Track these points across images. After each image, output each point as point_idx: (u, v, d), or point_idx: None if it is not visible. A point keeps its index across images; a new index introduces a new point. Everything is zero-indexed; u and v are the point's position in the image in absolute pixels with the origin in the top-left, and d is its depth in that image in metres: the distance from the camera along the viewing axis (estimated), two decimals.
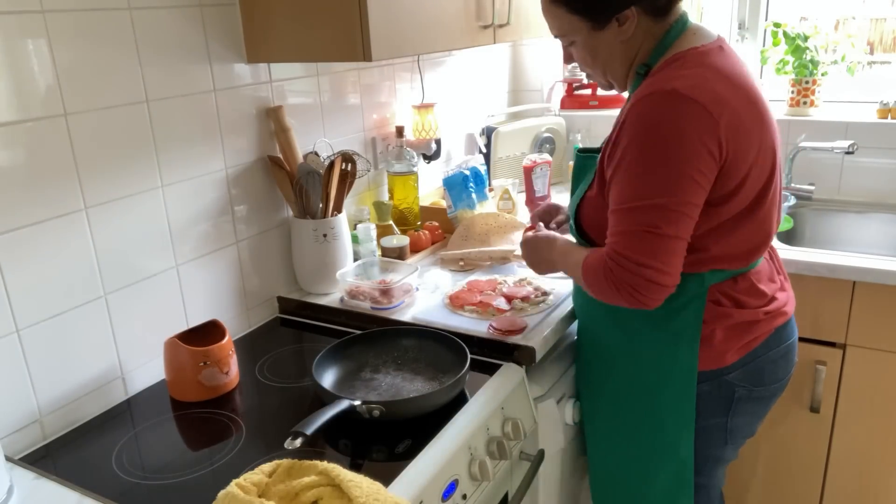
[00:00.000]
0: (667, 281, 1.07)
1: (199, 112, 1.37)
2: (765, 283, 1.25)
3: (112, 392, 1.27)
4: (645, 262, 1.06)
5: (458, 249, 1.77)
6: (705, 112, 1.04)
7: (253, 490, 0.90)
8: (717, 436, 1.30)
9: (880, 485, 1.81)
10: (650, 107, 1.07)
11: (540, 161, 2.11)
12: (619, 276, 1.07)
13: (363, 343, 1.33)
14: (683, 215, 1.06)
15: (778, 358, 1.27)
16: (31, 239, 1.11)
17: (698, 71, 1.08)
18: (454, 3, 1.50)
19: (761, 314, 1.22)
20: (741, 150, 1.08)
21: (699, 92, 1.04)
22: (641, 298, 1.08)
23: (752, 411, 1.30)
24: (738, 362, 1.23)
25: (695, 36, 1.15)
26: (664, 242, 1.06)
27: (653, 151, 1.06)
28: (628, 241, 1.07)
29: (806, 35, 2.15)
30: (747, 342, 1.22)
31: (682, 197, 1.05)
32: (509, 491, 1.28)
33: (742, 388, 1.25)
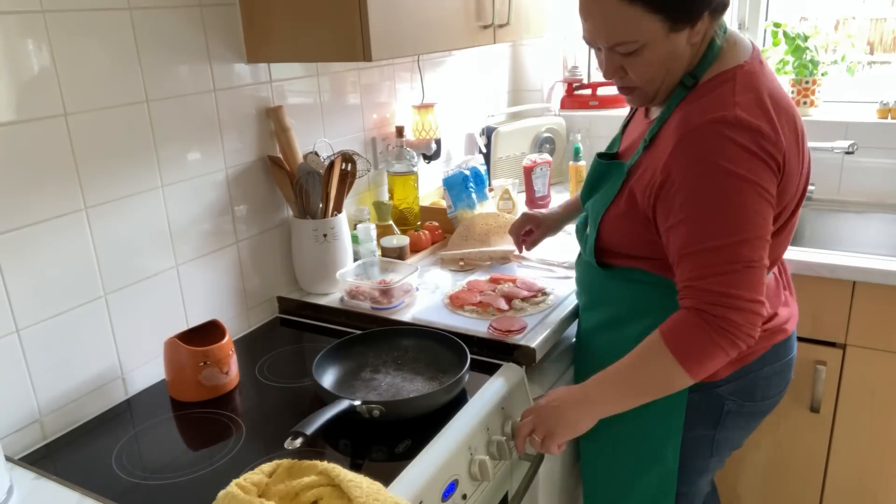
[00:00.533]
0: (765, 312, 1.03)
1: (200, 112, 1.37)
2: (768, 298, 1.18)
3: (112, 392, 1.27)
4: (756, 299, 1.01)
5: (458, 249, 1.77)
6: (768, 140, 1.01)
7: (253, 490, 0.90)
8: (703, 447, 1.28)
9: (880, 485, 1.81)
10: (714, 136, 1.01)
11: (540, 161, 2.11)
12: (728, 317, 1.00)
13: (363, 343, 1.33)
14: (767, 242, 1.03)
15: (772, 375, 1.24)
16: (31, 239, 1.11)
17: (753, 97, 1.04)
18: (454, 3, 1.50)
19: (759, 331, 1.17)
20: (790, 176, 1.07)
21: (761, 121, 1.01)
22: (751, 334, 1.02)
23: (740, 426, 1.28)
24: (730, 376, 1.20)
25: (736, 47, 1.10)
26: (761, 274, 1.02)
27: (732, 183, 1.00)
28: (734, 280, 1.00)
29: (806, 35, 2.15)
30: (741, 357, 1.17)
31: (766, 225, 1.02)
32: (509, 491, 1.28)
33: (732, 402, 1.23)
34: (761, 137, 1.00)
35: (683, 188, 1.03)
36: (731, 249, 1.00)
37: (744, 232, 1.00)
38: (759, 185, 1.00)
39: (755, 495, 1.97)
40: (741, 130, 1.00)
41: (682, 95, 1.10)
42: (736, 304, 1.00)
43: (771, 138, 1.01)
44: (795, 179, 1.09)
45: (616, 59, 1.10)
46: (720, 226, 1.01)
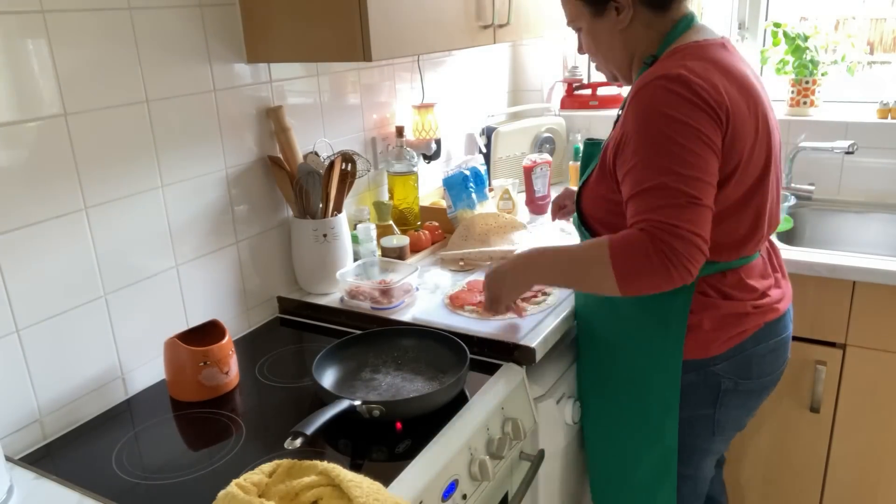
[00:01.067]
0: (706, 253, 1.07)
1: (199, 112, 1.37)
2: (755, 278, 1.26)
3: (112, 392, 1.27)
4: (696, 232, 1.05)
5: (458, 249, 1.77)
6: (709, 93, 1.08)
7: (253, 490, 0.90)
8: (704, 427, 1.31)
9: (880, 485, 1.81)
10: (655, 89, 1.09)
11: (540, 161, 2.11)
12: (673, 247, 1.04)
13: (363, 343, 1.33)
14: (710, 185, 1.08)
15: (766, 353, 1.27)
16: (31, 239, 1.11)
17: (700, 63, 1.12)
18: (454, 3, 1.50)
19: (749, 307, 1.23)
20: (738, 134, 1.11)
21: (702, 77, 1.09)
22: (693, 269, 1.06)
23: (740, 404, 1.31)
24: (724, 354, 1.24)
25: (699, 33, 1.20)
26: (705, 213, 1.07)
27: (667, 128, 1.07)
28: (676, 212, 1.05)
29: (806, 35, 2.15)
30: (735, 334, 1.23)
31: (707, 167, 1.08)
32: (509, 491, 1.28)
33: (728, 380, 1.26)
34: (701, 90, 1.07)
35: (632, 138, 1.11)
36: (674, 186, 1.06)
37: (685, 170, 1.06)
38: (698, 129, 1.07)
39: (755, 495, 1.97)
40: (681, 83, 1.08)
41: (643, 71, 1.19)
42: (678, 232, 1.04)
43: (711, 93, 1.08)
44: (748, 138, 1.13)
45: (578, 36, 1.31)
46: (663, 164, 1.07)
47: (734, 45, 1.23)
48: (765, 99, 1.20)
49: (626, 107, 1.15)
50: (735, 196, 1.16)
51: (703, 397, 1.28)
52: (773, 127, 1.21)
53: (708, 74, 1.10)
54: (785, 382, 1.79)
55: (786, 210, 2.00)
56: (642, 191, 1.09)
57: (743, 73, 1.16)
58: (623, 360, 1.33)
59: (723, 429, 1.33)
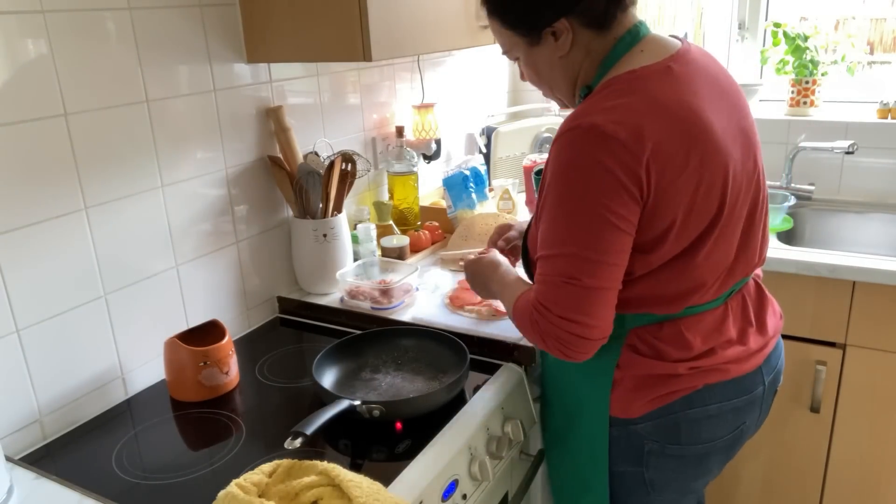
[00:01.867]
0: (594, 335, 0.99)
1: (199, 112, 1.37)
2: (700, 333, 1.10)
3: (112, 392, 1.27)
4: (569, 317, 0.97)
5: (457, 249, 1.77)
6: (625, 150, 0.93)
7: (253, 490, 0.90)
8: (636, 484, 1.19)
9: (880, 485, 1.81)
10: (568, 144, 0.98)
11: (540, 161, 2.10)
12: (544, 328, 1.00)
13: (363, 343, 1.33)
14: (606, 265, 0.97)
15: (702, 418, 1.11)
16: (31, 239, 1.11)
17: (626, 101, 0.97)
18: (454, 3, 1.50)
19: (682, 368, 1.09)
20: (669, 190, 0.97)
21: (620, 127, 0.94)
22: (569, 353, 1.00)
23: (672, 467, 1.16)
24: (646, 415, 1.11)
25: (641, 55, 1.03)
26: (587, 294, 0.97)
27: (570, 195, 0.97)
28: (551, 293, 0.99)
29: (806, 35, 2.15)
30: (659, 396, 1.10)
31: (602, 245, 0.96)
32: (509, 491, 1.28)
33: (653, 442, 1.13)
34: (617, 145, 0.93)
35: (547, 190, 1.02)
36: (556, 261, 0.99)
37: (569, 246, 0.97)
38: (602, 204, 0.95)
39: (755, 495, 1.97)
40: (594, 139, 0.95)
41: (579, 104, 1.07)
42: (548, 315, 0.99)
43: (628, 146, 0.93)
44: (683, 195, 0.98)
45: (518, 65, 1.18)
46: (555, 235, 1.00)
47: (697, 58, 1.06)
48: (718, 130, 1.01)
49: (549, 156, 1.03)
50: (675, 251, 1.03)
51: (627, 455, 1.16)
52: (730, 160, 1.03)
53: (630, 118, 0.95)
54: (785, 382, 1.79)
55: (785, 210, 2.00)
56: (538, 257, 1.03)
57: (688, 106, 0.99)
58: (559, 408, 1.25)
59: (660, 489, 1.19)
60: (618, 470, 1.18)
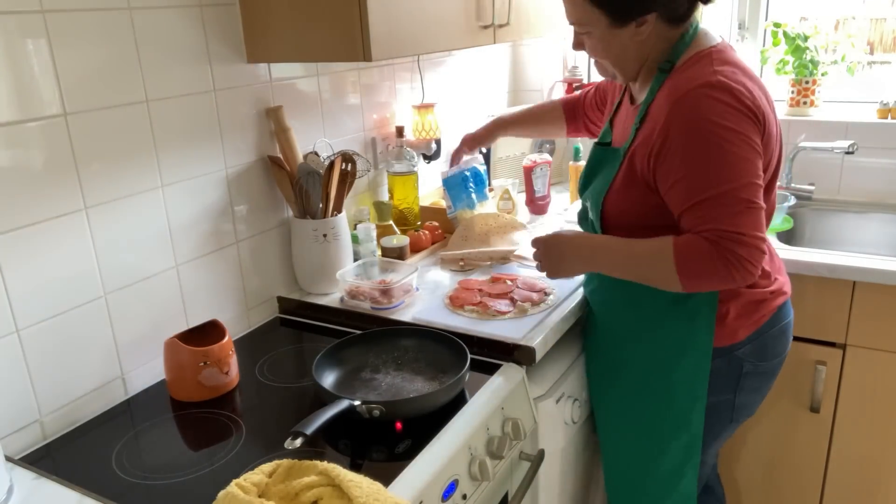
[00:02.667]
0: (766, 249, 1.15)
1: (200, 112, 1.37)
2: (768, 265, 1.33)
3: (112, 392, 1.27)
4: (757, 235, 1.12)
5: (458, 250, 1.77)
6: (749, 98, 1.14)
7: (253, 490, 0.90)
8: (724, 412, 1.36)
9: (880, 485, 1.81)
10: (701, 97, 1.13)
11: (540, 161, 2.11)
12: (739, 255, 1.10)
13: (363, 343, 1.33)
14: (761, 187, 1.14)
15: (779, 334, 1.35)
16: (31, 239, 1.11)
17: (728, 68, 1.17)
18: (454, 3, 1.50)
19: (767, 293, 1.31)
20: (769, 136, 1.18)
21: (739, 83, 1.14)
22: (754, 270, 1.12)
23: (756, 387, 1.37)
24: (747, 338, 1.31)
25: (706, 37, 1.24)
26: (761, 214, 1.13)
27: (716, 137, 1.11)
28: (739, 220, 1.11)
29: (806, 35, 2.15)
30: (756, 319, 1.30)
31: (758, 171, 1.13)
32: (509, 491, 1.28)
33: (749, 362, 1.32)
34: (742, 95, 1.13)
35: (680, 147, 1.14)
36: (732, 194, 1.11)
37: (741, 178, 1.11)
38: (745, 135, 1.12)
39: (755, 495, 1.97)
40: (724, 91, 1.12)
41: (663, 79, 1.23)
42: (743, 239, 1.10)
43: (749, 97, 1.14)
44: (773, 138, 1.21)
45: (577, 35, 1.29)
46: (718, 174, 1.11)
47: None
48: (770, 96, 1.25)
49: (668, 114, 1.16)
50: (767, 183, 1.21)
51: (725, 382, 1.33)
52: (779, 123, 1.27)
53: (741, 79, 1.15)
54: (785, 382, 1.79)
55: (785, 210, 2.00)
56: (701, 201, 1.13)
57: (756, 76, 1.22)
58: (643, 350, 1.35)
59: (739, 414, 1.38)
60: (710, 402, 1.34)
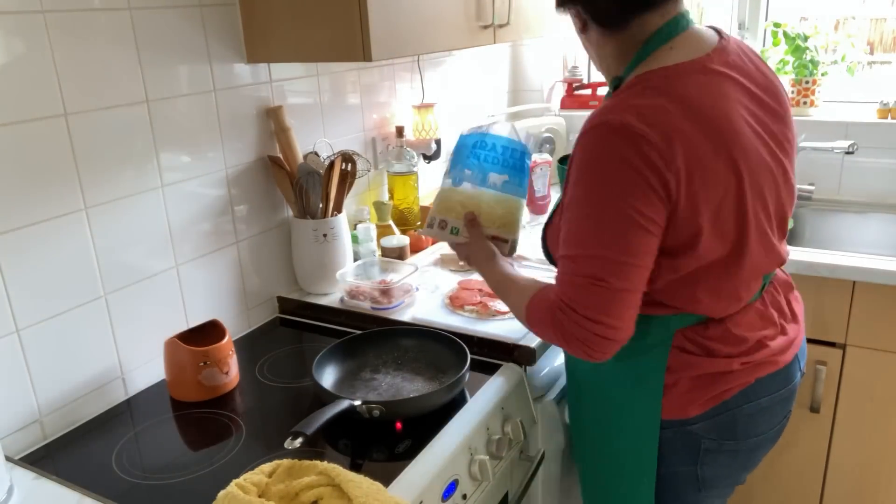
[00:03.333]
0: (618, 336, 0.98)
1: (199, 112, 1.37)
2: (747, 328, 1.10)
3: (112, 392, 1.27)
4: (593, 317, 0.96)
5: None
6: (654, 151, 0.93)
7: (253, 490, 0.90)
8: (687, 483, 1.19)
9: (880, 485, 1.81)
10: (595, 140, 0.97)
11: (540, 161, 2.11)
12: (567, 328, 0.99)
13: (363, 343, 1.33)
14: (632, 266, 0.96)
15: (756, 412, 1.12)
16: (31, 239, 1.11)
17: (659, 102, 0.96)
18: (454, 3, 1.50)
19: (736, 364, 1.09)
20: (698, 194, 0.96)
21: (651, 129, 0.93)
22: (590, 353, 0.99)
23: (726, 463, 1.17)
24: (704, 414, 1.11)
25: (671, 52, 1.02)
26: (612, 296, 0.96)
27: (597, 193, 0.97)
28: (575, 293, 0.98)
29: (806, 35, 2.15)
30: (716, 394, 1.10)
31: (627, 247, 0.96)
32: (509, 491, 1.28)
33: (710, 440, 1.13)
34: (647, 146, 0.92)
35: (570, 187, 1.02)
36: (584, 261, 0.98)
37: (597, 248, 0.97)
38: (629, 204, 0.94)
39: (755, 495, 1.97)
40: (624, 138, 0.94)
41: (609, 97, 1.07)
42: (575, 317, 0.98)
43: (659, 148, 0.92)
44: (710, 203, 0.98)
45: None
46: (580, 236, 0.99)
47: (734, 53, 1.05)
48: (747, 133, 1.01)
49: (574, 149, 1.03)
50: (709, 258, 1.02)
51: (682, 455, 1.16)
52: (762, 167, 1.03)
53: (663, 121, 0.94)
54: None
55: None
56: (560, 256, 1.02)
57: (719, 109, 0.99)
58: (601, 415, 1.22)
59: (710, 485, 1.19)
60: (669, 471, 1.18)
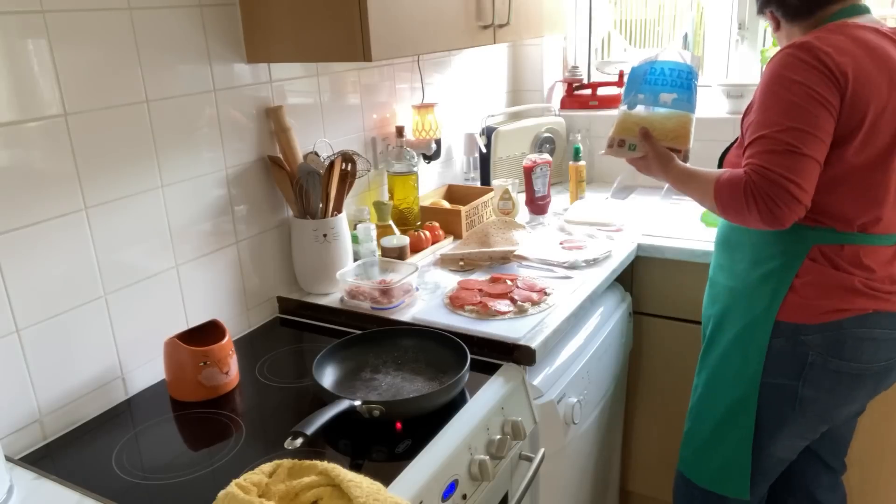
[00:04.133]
0: (804, 199, 1.14)
1: (200, 112, 1.37)
2: (877, 261, 1.25)
3: (112, 392, 1.27)
4: (788, 176, 1.12)
5: (460, 250, 1.77)
6: (830, 56, 1.15)
7: (253, 490, 0.90)
8: (786, 398, 1.30)
9: (880, 484, 1.81)
10: (781, 57, 1.19)
11: (540, 161, 2.11)
12: (761, 188, 1.13)
13: (363, 343, 1.33)
14: (817, 138, 1.14)
15: (867, 339, 1.24)
16: (31, 239, 1.11)
17: (834, 37, 1.18)
18: (454, 3, 1.50)
19: (859, 283, 1.23)
20: (860, 97, 1.16)
21: (827, 43, 1.16)
22: (778, 213, 1.13)
23: (827, 385, 1.27)
24: (817, 325, 1.24)
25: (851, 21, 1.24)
26: (804, 161, 1.13)
27: (782, 87, 1.16)
28: (772, 158, 1.14)
29: None
30: (835, 310, 1.23)
31: (815, 121, 1.14)
32: (509, 491, 1.28)
33: (816, 354, 1.25)
34: (823, 55, 1.15)
35: (756, 98, 1.22)
36: (774, 136, 1.15)
37: (790, 121, 1.14)
38: (808, 86, 1.14)
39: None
40: (805, 50, 1.16)
41: None
42: (770, 175, 1.13)
43: (833, 58, 1.15)
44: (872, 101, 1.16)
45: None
46: (772, 117, 1.16)
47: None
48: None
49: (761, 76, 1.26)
50: (856, 161, 1.19)
51: (787, 366, 1.28)
52: None
53: (837, 42, 1.16)
54: None
55: None
56: (753, 140, 1.18)
57: (887, 53, 1.20)
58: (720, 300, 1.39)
59: (806, 408, 1.30)
60: (772, 381, 1.30)
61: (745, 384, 1.34)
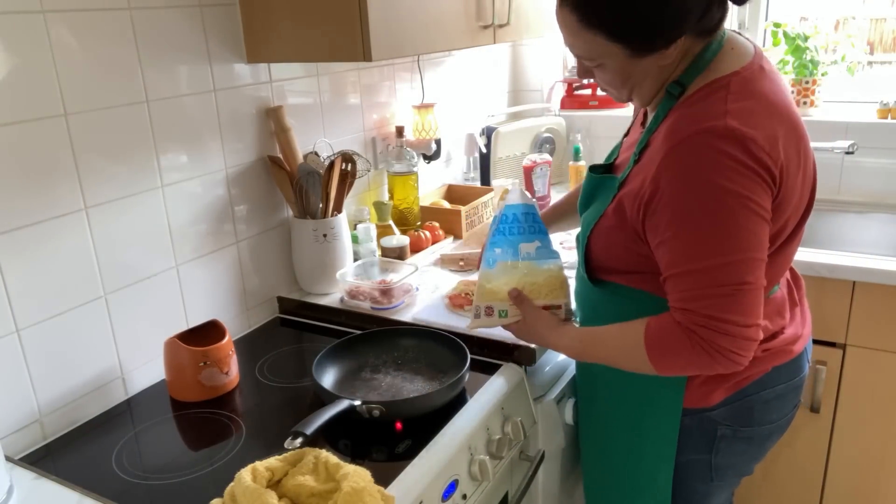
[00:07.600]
0: (760, 335, 0.98)
1: (199, 112, 1.37)
2: (768, 317, 1.12)
3: (112, 392, 1.27)
4: (744, 322, 0.95)
5: (462, 250, 1.77)
6: (765, 152, 0.94)
7: (265, 476, 0.91)
8: (700, 471, 1.21)
9: (880, 485, 1.81)
10: (703, 148, 0.94)
11: (540, 161, 2.11)
12: (713, 342, 0.96)
13: (363, 343, 1.33)
14: (762, 261, 0.97)
15: (772, 398, 1.15)
16: (30, 239, 1.11)
17: (748, 104, 0.97)
18: (454, 3, 1.50)
19: (758, 352, 1.07)
20: (788, 194, 1.00)
21: (755, 129, 0.94)
22: (739, 360, 0.97)
23: (739, 451, 1.20)
24: (724, 401, 1.14)
25: (732, 53, 1.03)
26: (754, 294, 0.96)
27: (718, 199, 0.94)
28: (719, 303, 0.95)
29: (806, 35, 2.15)
30: (736, 381, 1.12)
31: (758, 242, 0.96)
32: (509, 491, 1.28)
33: (726, 426, 1.15)
34: (754, 147, 0.93)
35: (671, 203, 0.97)
36: (720, 270, 0.95)
37: (734, 252, 0.94)
38: (751, 199, 0.94)
39: (756, 495, 1.97)
40: (732, 141, 0.93)
41: (670, 105, 1.04)
42: (724, 328, 0.95)
43: (765, 149, 0.94)
44: (796, 192, 1.02)
45: (585, 65, 1.11)
46: (709, 245, 0.95)
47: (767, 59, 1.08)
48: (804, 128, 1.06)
49: (662, 160, 0.98)
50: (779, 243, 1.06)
51: (698, 443, 1.18)
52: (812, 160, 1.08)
53: (759, 122, 0.95)
54: None
55: None
56: (686, 272, 0.97)
57: (787, 105, 1.02)
58: (620, 408, 1.24)
59: (722, 475, 1.22)
60: (683, 459, 1.20)
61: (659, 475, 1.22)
